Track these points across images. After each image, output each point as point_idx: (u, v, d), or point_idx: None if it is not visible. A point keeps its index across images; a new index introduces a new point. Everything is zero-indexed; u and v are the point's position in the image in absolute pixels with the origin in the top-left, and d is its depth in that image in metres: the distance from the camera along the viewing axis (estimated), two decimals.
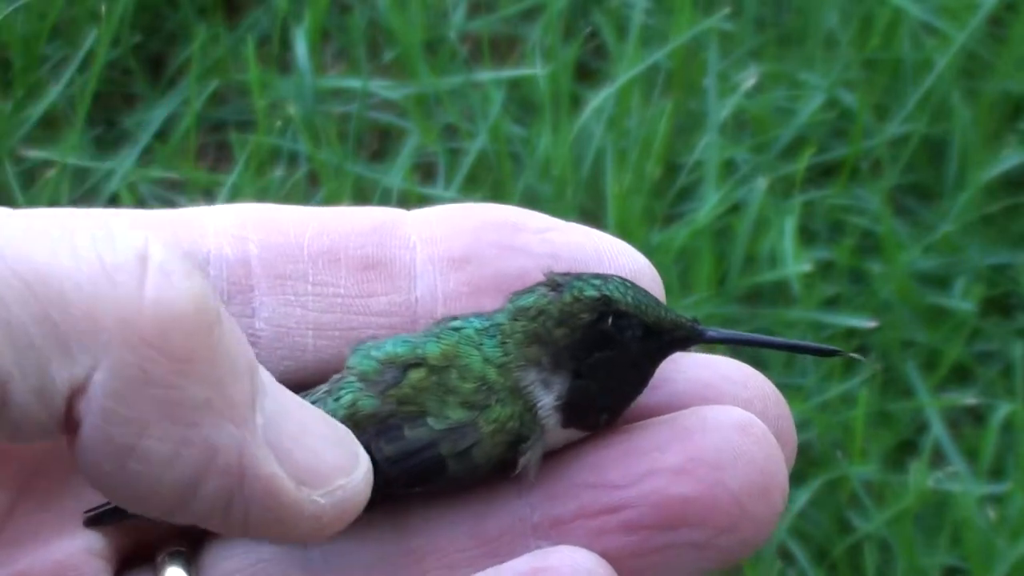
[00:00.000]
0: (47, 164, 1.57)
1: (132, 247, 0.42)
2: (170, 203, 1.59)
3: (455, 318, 0.49)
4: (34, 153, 1.60)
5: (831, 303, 1.53)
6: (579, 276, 0.49)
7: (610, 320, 0.48)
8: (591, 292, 0.48)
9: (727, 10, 1.66)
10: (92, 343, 0.41)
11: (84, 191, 1.60)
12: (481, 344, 0.49)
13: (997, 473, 1.43)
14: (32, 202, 1.55)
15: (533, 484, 0.48)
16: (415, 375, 0.48)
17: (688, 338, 0.49)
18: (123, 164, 1.60)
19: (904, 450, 1.46)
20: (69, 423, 0.42)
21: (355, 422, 0.47)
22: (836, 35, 1.68)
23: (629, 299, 0.48)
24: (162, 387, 0.41)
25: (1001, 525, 1.37)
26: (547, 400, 0.48)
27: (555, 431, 0.48)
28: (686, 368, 0.49)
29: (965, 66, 1.67)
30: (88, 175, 1.61)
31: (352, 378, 0.49)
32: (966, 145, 1.61)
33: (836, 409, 1.44)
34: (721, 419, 0.47)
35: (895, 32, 1.68)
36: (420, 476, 0.48)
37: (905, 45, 1.67)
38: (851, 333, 1.50)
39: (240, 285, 0.49)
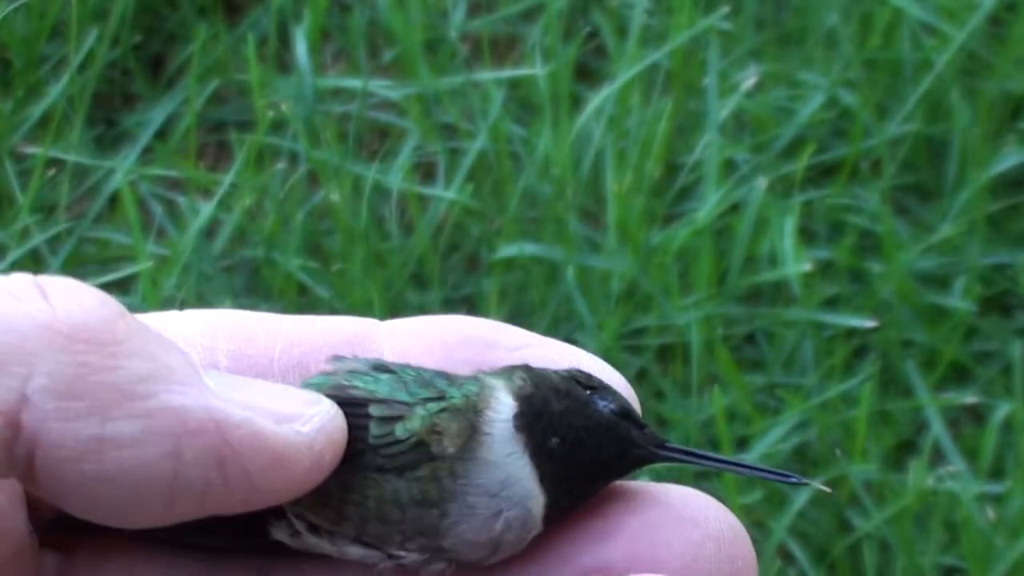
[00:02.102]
0: (47, 163, 1.57)
1: (26, 279, 0.44)
2: (170, 202, 1.59)
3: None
4: (34, 152, 1.60)
5: (831, 303, 1.53)
6: None
7: (588, 391, 0.49)
8: (575, 371, 0.50)
9: (727, 9, 1.66)
10: (22, 355, 0.42)
11: (84, 190, 1.60)
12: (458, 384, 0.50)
13: (997, 473, 1.43)
14: (32, 201, 1.55)
15: None
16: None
17: (655, 445, 0.49)
18: (123, 163, 1.59)
19: (904, 450, 1.46)
20: (16, 447, 0.42)
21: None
22: (836, 35, 1.68)
23: (611, 387, 0.50)
24: (105, 371, 0.43)
25: (1000, 525, 1.37)
26: (505, 398, 0.48)
27: (503, 438, 0.48)
28: (638, 508, 0.49)
29: (965, 66, 1.67)
30: (88, 174, 1.61)
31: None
32: (966, 145, 1.61)
33: (836, 409, 1.44)
34: None
35: (895, 32, 1.68)
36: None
37: (905, 45, 1.67)
38: (851, 333, 1.50)
39: None
